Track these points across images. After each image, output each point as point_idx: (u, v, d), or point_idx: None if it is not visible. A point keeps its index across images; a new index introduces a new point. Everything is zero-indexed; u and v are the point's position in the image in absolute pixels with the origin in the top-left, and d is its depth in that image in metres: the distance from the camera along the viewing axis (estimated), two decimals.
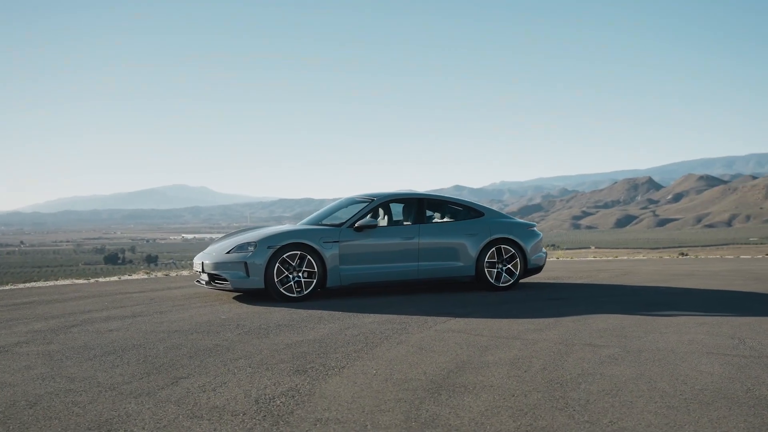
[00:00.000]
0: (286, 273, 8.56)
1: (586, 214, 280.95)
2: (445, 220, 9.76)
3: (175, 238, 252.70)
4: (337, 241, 8.81)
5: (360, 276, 8.92)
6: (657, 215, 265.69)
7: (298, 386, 4.59)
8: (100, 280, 11.76)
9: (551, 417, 3.86)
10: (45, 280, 12.23)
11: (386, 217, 9.75)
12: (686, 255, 18.88)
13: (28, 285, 11.11)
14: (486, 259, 9.49)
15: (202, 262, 8.86)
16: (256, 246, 8.51)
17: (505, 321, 7.04)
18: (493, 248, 9.55)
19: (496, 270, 9.56)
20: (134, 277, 12.35)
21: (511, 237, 9.64)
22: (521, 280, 10.23)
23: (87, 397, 4.37)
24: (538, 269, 9.99)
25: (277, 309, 7.94)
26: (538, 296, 8.99)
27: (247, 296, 9.04)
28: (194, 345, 5.97)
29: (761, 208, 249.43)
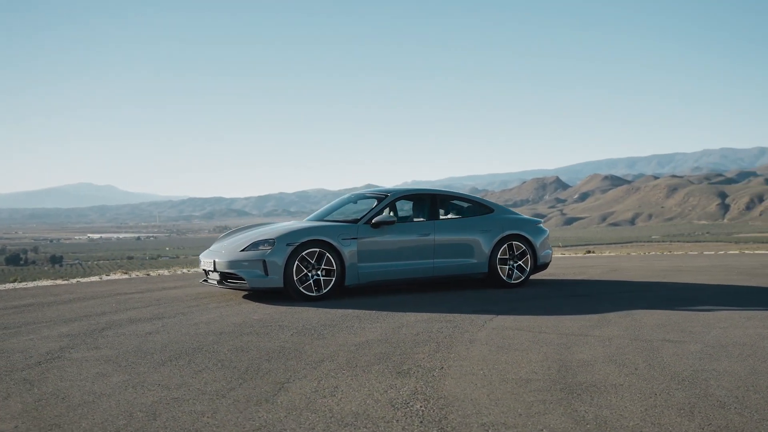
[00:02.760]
0: (305, 271, 8.23)
1: None
2: (454, 216, 9.57)
3: (80, 238, 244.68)
4: (356, 238, 8.52)
5: (378, 274, 8.66)
6: (564, 214, 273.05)
7: (418, 389, 4.35)
8: (82, 280, 11.09)
9: (722, 416, 3.75)
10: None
11: (393, 213, 9.51)
12: (592, 252, 19.33)
13: (7, 286, 10.37)
14: (498, 256, 9.36)
15: (214, 261, 8.42)
16: (274, 243, 8.14)
17: (551, 318, 6.93)
18: (505, 245, 9.43)
19: (507, 267, 9.45)
20: (115, 277, 11.70)
21: (522, 233, 9.55)
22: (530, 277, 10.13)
23: (205, 406, 4.02)
24: (545, 266, 9.95)
25: (303, 308, 7.62)
26: (556, 293, 8.93)
27: (258, 295, 8.66)
28: (257, 347, 5.64)
29: (662, 207, 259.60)
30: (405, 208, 9.55)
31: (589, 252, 21.00)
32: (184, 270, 12.96)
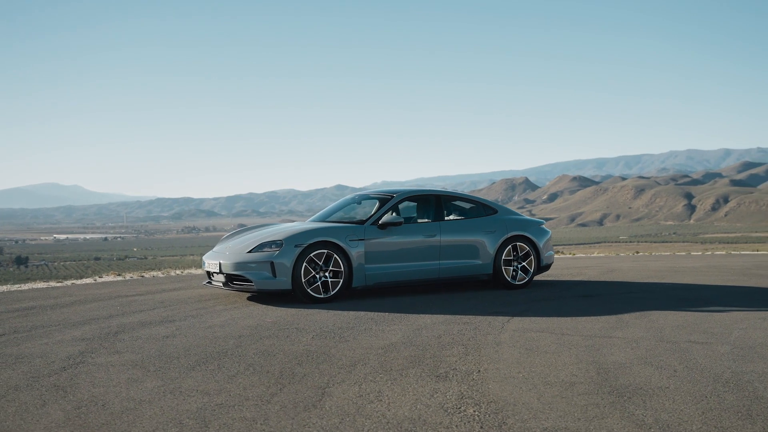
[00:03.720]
0: (313, 273, 8.12)
1: None
2: (458, 217, 9.51)
3: (46, 239, 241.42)
4: (363, 239, 8.43)
5: (385, 275, 8.58)
6: (533, 214, 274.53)
7: (464, 393, 4.29)
8: (76, 282, 10.86)
9: None
10: None
11: (396, 214, 9.41)
12: (562, 253, 19.43)
13: (2, 289, 10.12)
14: (503, 257, 9.33)
15: (219, 262, 8.28)
16: (282, 245, 8.02)
17: (568, 319, 6.90)
18: (509, 246, 9.40)
19: (512, 268, 9.42)
20: (109, 279, 11.48)
21: (526, 234, 9.53)
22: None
23: (253, 412, 3.93)
24: (548, 267, 9.93)
25: (314, 311, 7.53)
26: (563, 294, 8.91)
27: (263, 297, 8.54)
28: (283, 350, 5.54)
29: (630, 208, 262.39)
30: (409, 209, 9.46)
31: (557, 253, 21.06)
32: (178, 272, 12.77)
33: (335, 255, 8.20)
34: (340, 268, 8.23)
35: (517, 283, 9.42)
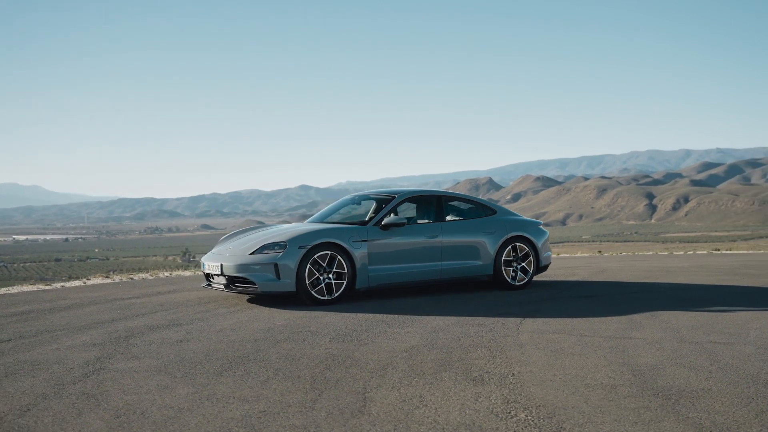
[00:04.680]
0: (317, 275, 8.01)
1: None
2: (458, 218, 9.47)
3: (5, 240, 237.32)
4: (366, 240, 8.34)
5: (387, 277, 8.49)
6: None
7: (508, 397, 4.23)
8: (66, 285, 10.61)
9: None
10: None
11: (396, 215, 9.34)
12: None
13: None
14: (503, 258, 9.31)
15: (221, 264, 8.13)
16: (286, 246, 7.90)
17: (581, 320, 6.88)
18: (509, 246, 9.37)
19: (512, 269, 9.40)
20: (98, 281, 11.22)
21: (525, 235, 9.51)
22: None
23: (301, 420, 3.83)
24: (545, 268, 9.93)
25: (321, 313, 7.43)
26: (565, 295, 8.89)
27: (264, 300, 8.41)
28: (305, 354, 5.44)
29: (592, 208, 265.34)
30: (409, 209, 9.40)
31: None
32: (166, 273, 12.56)
33: (339, 256, 8.09)
34: (344, 269, 8.13)
35: (517, 283, 9.39)
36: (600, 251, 23.21)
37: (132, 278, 11.67)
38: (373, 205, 9.65)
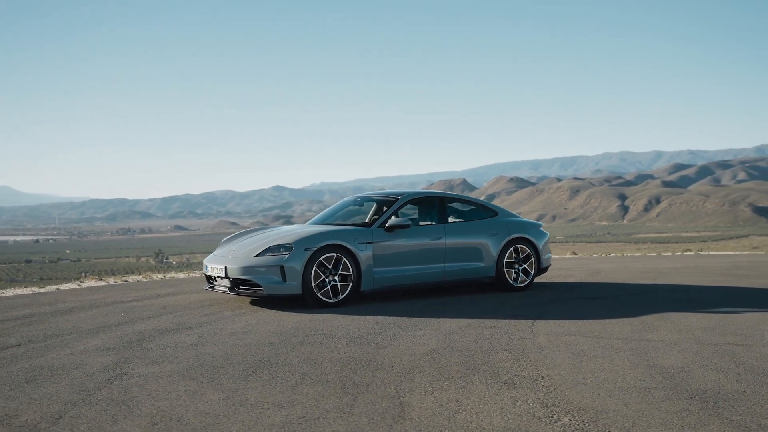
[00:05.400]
0: (323, 277, 7.95)
1: None
2: (460, 219, 9.45)
3: None
4: (371, 242, 8.28)
5: (392, 279, 8.45)
6: None
7: (546, 401, 4.20)
8: (61, 288, 10.44)
9: None
10: None
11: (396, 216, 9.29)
12: None
13: None
14: (505, 259, 9.29)
15: (225, 267, 8.03)
16: (291, 248, 7.82)
17: (592, 322, 6.88)
18: (511, 248, 9.36)
19: (514, 270, 9.39)
20: (93, 284, 11.05)
21: (527, 236, 9.50)
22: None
23: (344, 426, 3.77)
24: (546, 269, 9.93)
25: (329, 316, 7.37)
26: (568, 296, 8.88)
27: (267, 302, 8.33)
28: (326, 358, 5.38)
29: (565, 209, 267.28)
30: (411, 210, 9.35)
31: None
32: (160, 276, 12.42)
33: (344, 258, 8.03)
34: (349, 271, 8.07)
35: (518, 285, 9.39)
36: (574, 252, 23.30)
37: (126, 280, 11.52)
38: (374, 206, 9.62)
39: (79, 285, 10.74)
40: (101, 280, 11.36)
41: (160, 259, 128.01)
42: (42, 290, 10.10)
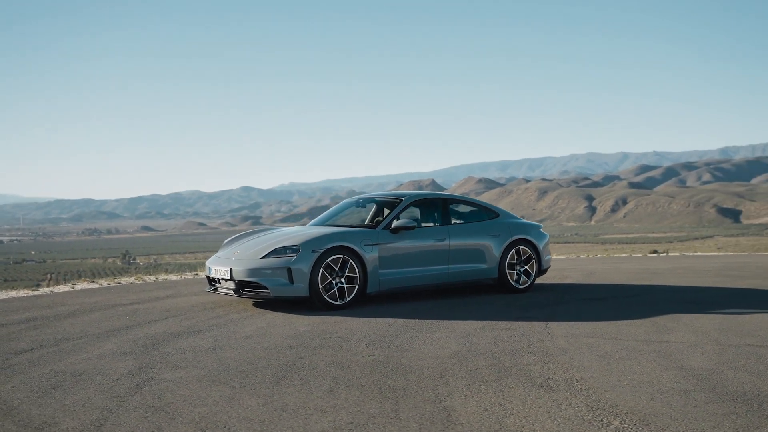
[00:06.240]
0: (330, 279, 7.87)
1: None
2: (462, 221, 9.41)
3: None
4: (377, 244, 8.22)
5: (398, 280, 8.39)
6: None
7: (590, 404, 4.18)
8: (55, 290, 10.22)
9: None
10: None
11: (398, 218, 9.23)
12: None
13: None
14: (507, 261, 9.28)
15: (230, 269, 7.92)
16: (299, 250, 7.73)
17: (606, 324, 6.87)
18: (513, 249, 9.35)
19: (515, 272, 9.38)
20: (86, 286, 10.83)
21: (528, 238, 9.49)
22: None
23: (396, 431, 3.70)
24: (545, 271, 9.93)
25: (338, 318, 7.30)
26: (572, 298, 8.87)
27: (271, 304, 8.22)
28: (352, 361, 5.31)
29: (534, 209, 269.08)
30: (414, 212, 9.29)
31: None
32: (152, 277, 12.23)
33: (351, 260, 7.97)
34: (356, 273, 8.00)
35: (520, 287, 9.37)
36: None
37: (120, 282, 11.33)
38: (374, 207, 9.56)
39: (72, 287, 10.53)
40: (94, 282, 11.16)
41: (127, 260, 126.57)
42: (36, 293, 9.89)
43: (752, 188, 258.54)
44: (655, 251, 32.75)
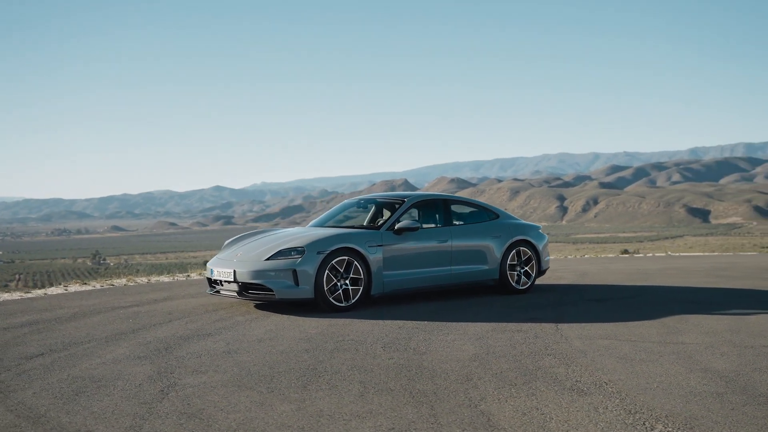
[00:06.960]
0: (335, 281, 7.80)
1: None
2: (463, 222, 9.39)
3: None
4: (381, 245, 8.16)
5: (402, 282, 8.34)
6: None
7: (626, 407, 4.16)
8: (48, 292, 10.03)
9: None
10: None
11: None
12: None
13: None
14: (508, 262, 9.27)
15: (234, 271, 7.81)
16: (304, 252, 7.65)
17: (615, 325, 6.87)
18: (514, 250, 9.34)
19: (516, 273, 9.37)
20: (79, 288, 10.64)
21: (528, 239, 9.49)
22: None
23: None
24: (544, 272, 9.93)
25: (345, 320, 7.23)
26: (575, 299, 8.85)
27: (275, 306, 8.13)
28: (373, 365, 5.26)
29: (505, 209, 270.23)
30: (416, 213, 9.23)
31: None
32: (144, 279, 12.07)
33: (356, 262, 7.90)
34: (360, 275, 7.94)
35: (521, 288, 9.36)
36: None
37: (113, 284, 11.15)
38: (374, 208, 9.51)
39: (65, 290, 10.34)
40: (86, 284, 10.97)
41: (98, 260, 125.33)
42: (29, 295, 9.71)
43: (721, 188, 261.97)
44: (625, 251, 33.04)
